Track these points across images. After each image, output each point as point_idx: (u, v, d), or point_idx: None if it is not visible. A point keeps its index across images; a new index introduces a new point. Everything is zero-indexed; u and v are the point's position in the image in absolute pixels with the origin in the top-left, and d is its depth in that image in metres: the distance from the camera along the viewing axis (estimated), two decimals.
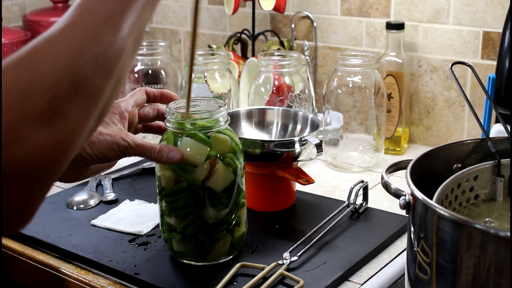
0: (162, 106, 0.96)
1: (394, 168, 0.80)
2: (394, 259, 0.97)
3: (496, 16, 1.31)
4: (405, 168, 0.76)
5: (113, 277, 0.94)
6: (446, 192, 0.75)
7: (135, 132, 0.95)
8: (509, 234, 0.60)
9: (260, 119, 1.19)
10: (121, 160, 0.88)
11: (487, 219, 0.77)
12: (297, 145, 1.06)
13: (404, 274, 0.78)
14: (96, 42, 0.55)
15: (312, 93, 1.48)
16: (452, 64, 0.83)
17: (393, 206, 1.13)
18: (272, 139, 1.17)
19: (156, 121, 0.98)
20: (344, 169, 1.33)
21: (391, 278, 0.91)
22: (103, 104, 0.56)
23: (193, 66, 0.87)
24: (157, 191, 0.94)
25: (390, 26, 1.37)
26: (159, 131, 0.98)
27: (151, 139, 1.42)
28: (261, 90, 1.33)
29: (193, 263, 0.94)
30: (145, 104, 0.95)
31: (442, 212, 0.65)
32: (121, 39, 0.57)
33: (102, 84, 0.55)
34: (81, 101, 0.53)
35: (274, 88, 1.31)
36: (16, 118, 0.49)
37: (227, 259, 0.95)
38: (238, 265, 0.92)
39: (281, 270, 0.90)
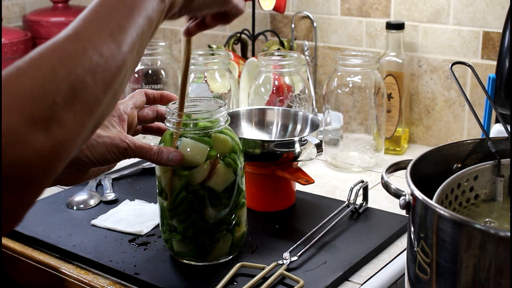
0: (161, 108, 0.96)
1: (394, 168, 0.80)
2: (394, 259, 0.97)
3: (496, 16, 1.31)
4: (405, 168, 0.76)
5: (113, 277, 0.94)
6: (446, 192, 0.75)
7: (134, 134, 0.95)
8: (509, 234, 0.60)
9: (260, 119, 1.19)
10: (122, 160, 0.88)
11: (487, 219, 0.77)
12: (297, 145, 1.06)
13: (404, 274, 0.78)
14: (97, 54, 0.56)
15: (312, 93, 1.48)
16: (452, 64, 0.83)
17: (393, 206, 1.13)
18: (272, 139, 1.17)
19: (155, 122, 0.97)
20: (344, 169, 1.33)
21: (391, 278, 0.91)
22: (99, 115, 0.57)
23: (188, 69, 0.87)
24: (157, 191, 0.94)
25: (390, 26, 1.37)
26: (158, 132, 0.98)
27: (151, 139, 1.42)
28: (261, 90, 1.33)
29: (193, 263, 0.94)
30: (145, 106, 0.95)
31: (442, 212, 0.65)
32: (122, 53, 0.59)
33: (100, 95, 0.56)
34: (78, 109, 0.54)
35: (274, 88, 1.31)
36: (14, 121, 0.50)
37: (227, 259, 0.95)
38: (238, 265, 0.92)
39: (281, 270, 0.90)
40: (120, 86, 0.59)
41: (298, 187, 1.15)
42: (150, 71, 1.48)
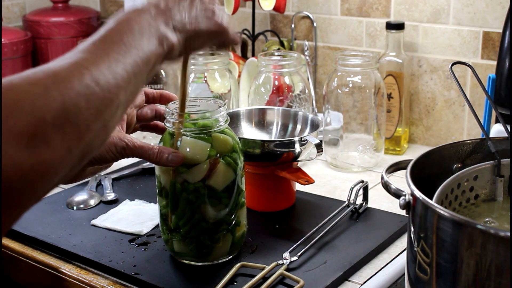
0: (160, 106, 0.96)
1: (394, 168, 0.80)
2: (394, 259, 0.97)
3: (496, 16, 1.31)
4: (405, 168, 0.76)
5: (113, 277, 0.94)
6: (446, 192, 0.75)
7: (133, 132, 0.95)
8: (509, 234, 0.60)
9: (260, 119, 1.19)
10: (121, 160, 0.88)
11: (487, 219, 0.77)
12: (297, 145, 1.06)
13: (404, 274, 0.78)
14: (93, 81, 0.57)
15: (312, 93, 1.48)
16: (452, 64, 0.83)
17: (393, 206, 1.13)
18: (272, 139, 1.16)
19: (154, 121, 0.97)
20: (344, 169, 1.33)
21: (391, 278, 0.91)
22: (87, 143, 0.56)
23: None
24: (157, 191, 0.94)
25: (390, 26, 1.37)
26: (156, 130, 0.98)
27: (151, 139, 1.42)
28: (261, 90, 1.33)
29: (193, 263, 0.94)
30: (144, 105, 0.95)
31: (442, 212, 0.65)
32: (117, 85, 0.59)
33: (91, 122, 0.56)
34: (67, 132, 0.53)
35: (274, 88, 1.31)
36: (2, 132, 0.49)
37: (227, 259, 0.95)
38: (238, 265, 0.92)
39: (281, 270, 0.90)
40: (111, 119, 0.59)
41: (298, 187, 1.15)
42: None
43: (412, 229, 0.72)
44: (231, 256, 0.95)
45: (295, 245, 0.97)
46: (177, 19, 0.71)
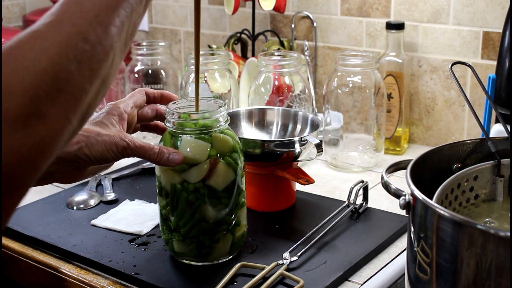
0: (161, 107, 0.96)
1: (394, 168, 0.80)
2: (394, 259, 0.97)
3: (496, 16, 1.31)
4: (405, 168, 0.76)
5: (113, 277, 0.94)
6: (446, 192, 0.75)
7: (133, 132, 0.95)
8: (509, 234, 0.60)
9: (260, 119, 1.19)
10: (121, 160, 0.88)
11: (487, 219, 0.77)
12: (297, 145, 1.06)
13: (404, 274, 0.78)
14: (82, 40, 0.52)
15: (312, 93, 1.48)
16: (452, 64, 0.83)
17: (393, 206, 1.13)
18: (272, 139, 1.17)
19: (154, 121, 0.97)
20: (344, 169, 1.33)
21: (391, 278, 0.91)
22: (86, 105, 0.54)
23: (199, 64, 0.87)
24: (157, 191, 0.94)
25: (390, 26, 1.37)
26: (157, 130, 0.98)
27: (151, 139, 1.42)
28: (261, 90, 1.33)
29: (193, 263, 0.94)
30: (144, 105, 0.95)
31: (442, 212, 0.65)
32: (110, 37, 0.55)
33: (86, 84, 0.53)
34: (62, 101, 0.51)
35: (274, 88, 1.31)
36: None
37: (227, 259, 0.95)
38: (238, 265, 0.92)
39: (281, 270, 0.90)
40: (109, 71, 0.55)
41: (298, 187, 1.15)
42: (150, 71, 1.48)
43: (412, 229, 0.72)
44: (231, 256, 0.95)
45: (295, 245, 0.97)
46: None
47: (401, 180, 0.76)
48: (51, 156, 0.52)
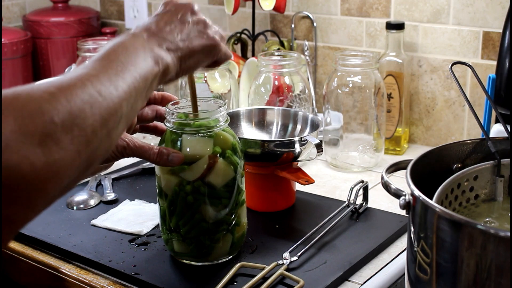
0: (160, 107, 0.96)
1: (394, 168, 0.80)
2: (394, 259, 0.97)
3: (496, 16, 1.31)
4: (405, 168, 0.76)
5: (113, 277, 0.94)
6: (446, 192, 0.75)
7: (133, 133, 0.95)
8: (509, 234, 0.60)
9: (260, 119, 1.19)
10: (121, 160, 0.88)
11: (487, 219, 0.77)
12: (297, 145, 1.06)
13: (404, 274, 0.78)
14: (96, 91, 0.59)
15: (312, 93, 1.48)
16: (452, 64, 0.83)
17: (393, 206, 1.13)
18: (272, 139, 1.16)
19: (154, 122, 0.97)
20: (344, 169, 1.33)
21: (391, 278, 0.91)
22: (93, 149, 0.58)
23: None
24: (157, 191, 0.94)
25: (390, 26, 1.37)
26: (156, 131, 0.98)
27: (151, 140, 1.42)
28: (261, 90, 1.33)
29: (193, 263, 0.94)
30: (144, 105, 0.95)
31: (442, 212, 0.65)
32: (119, 96, 0.62)
33: (97, 127, 0.58)
34: (76, 135, 0.55)
35: (274, 88, 1.31)
36: (7, 128, 0.50)
37: (227, 259, 0.95)
38: (238, 265, 0.92)
39: (281, 270, 0.90)
40: (114, 129, 0.61)
41: (298, 187, 1.15)
42: None
43: (412, 229, 0.72)
44: (231, 256, 0.95)
45: (295, 245, 0.97)
46: (169, 39, 0.74)
47: (401, 180, 0.76)
48: (60, 184, 0.55)
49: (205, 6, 1.74)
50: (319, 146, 1.04)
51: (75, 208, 1.14)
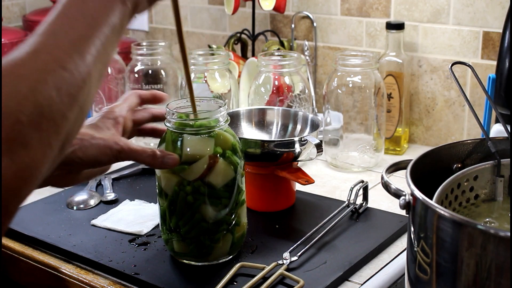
0: (155, 109, 0.96)
1: (394, 168, 0.80)
2: (394, 259, 0.97)
3: (496, 16, 1.31)
4: (405, 168, 0.76)
5: (113, 277, 0.94)
6: (446, 192, 0.75)
7: (130, 137, 0.95)
8: (509, 234, 0.60)
9: (260, 119, 1.19)
10: None
11: (487, 219, 0.77)
12: (297, 145, 1.06)
13: (404, 274, 0.78)
14: (60, 67, 0.53)
15: (312, 93, 1.48)
16: (452, 64, 0.83)
17: (393, 206, 1.13)
18: (272, 139, 1.17)
19: (150, 124, 0.97)
20: (344, 169, 1.33)
21: (391, 278, 0.91)
22: (66, 133, 0.54)
23: (189, 67, 0.88)
24: (157, 191, 0.94)
25: (390, 26, 1.37)
26: (154, 133, 0.98)
27: (151, 139, 1.42)
28: (261, 90, 1.33)
29: (193, 263, 0.94)
30: (138, 108, 0.95)
31: (442, 212, 0.65)
32: (86, 64, 0.56)
33: (67, 110, 0.53)
34: (44, 127, 0.51)
35: (274, 88, 1.31)
36: None
37: (227, 259, 0.95)
38: (238, 265, 0.92)
39: (281, 270, 0.90)
40: (86, 100, 0.56)
41: (298, 187, 1.15)
42: (150, 71, 1.48)
43: (412, 229, 0.72)
44: (231, 256, 0.95)
45: (295, 245, 0.97)
46: None
47: (401, 180, 0.76)
48: (34, 185, 0.52)
49: (205, 6, 1.74)
50: (319, 146, 1.04)
51: (75, 208, 1.14)
